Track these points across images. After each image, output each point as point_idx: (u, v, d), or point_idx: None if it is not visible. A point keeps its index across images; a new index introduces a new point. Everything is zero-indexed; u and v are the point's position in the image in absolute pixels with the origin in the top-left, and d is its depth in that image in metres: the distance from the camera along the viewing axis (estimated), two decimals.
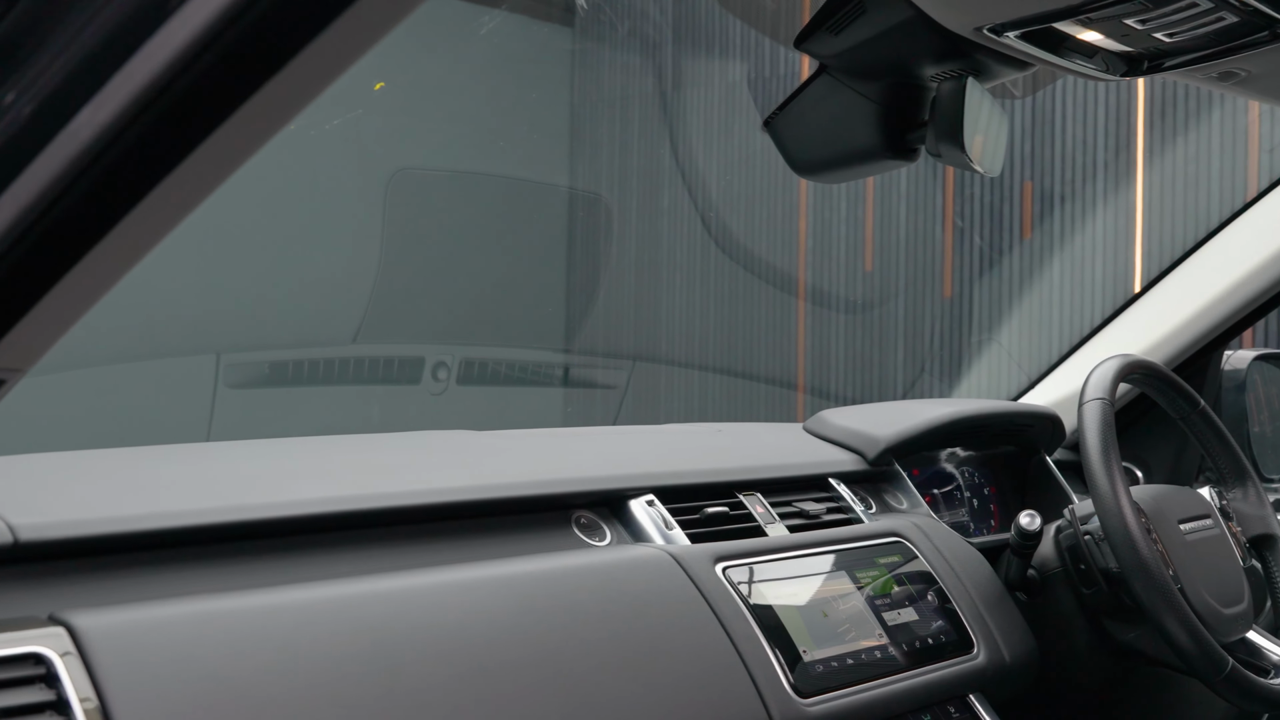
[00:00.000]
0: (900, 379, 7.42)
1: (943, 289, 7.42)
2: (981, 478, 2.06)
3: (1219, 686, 1.55)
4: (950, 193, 7.38)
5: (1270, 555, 1.84)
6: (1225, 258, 2.07)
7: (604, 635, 1.20)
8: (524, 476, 1.39)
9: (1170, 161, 6.54)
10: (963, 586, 1.60)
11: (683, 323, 8.09)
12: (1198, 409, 1.83)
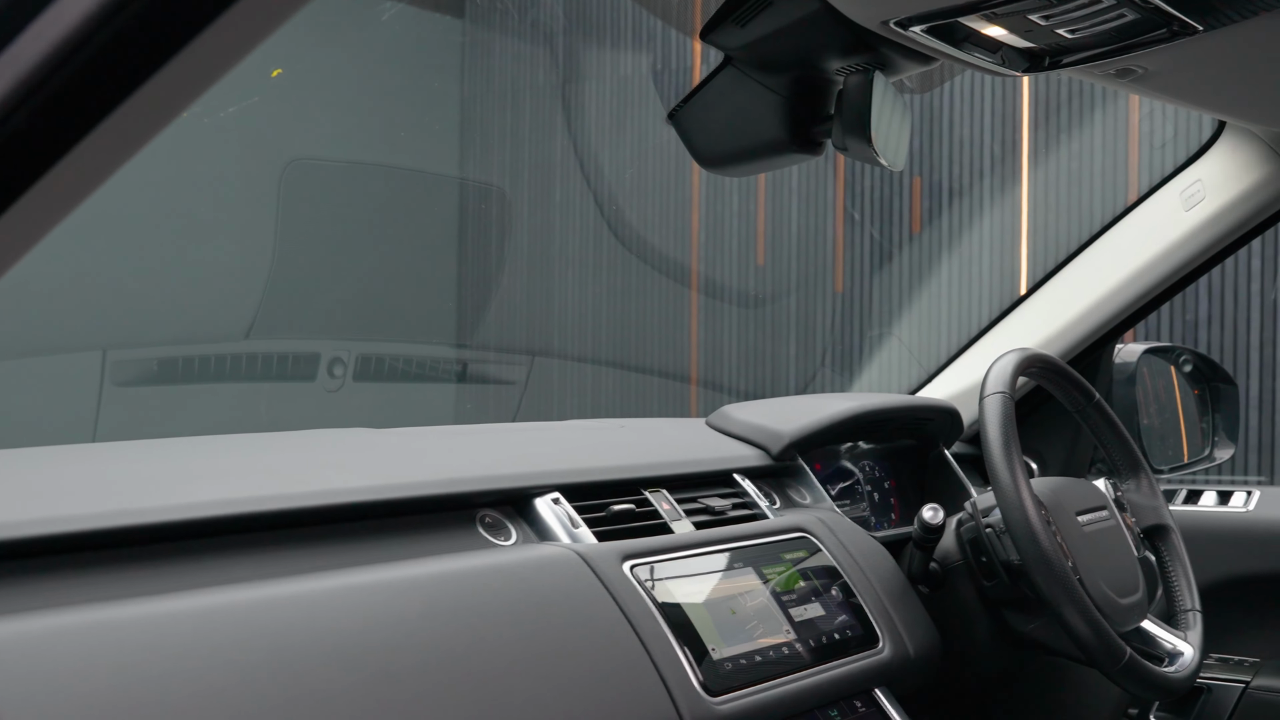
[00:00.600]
0: (794, 373, 7.47)
1: (834, 283, 7.48)
2: (881, 471, 2.07)
3: (1117, 675, 1.57)
4: (841, 187, 7.44)
5: (1163, 545, 1.87)
6: (1116, 254, 2.11)
7: (511, 636, 1.18)
8: (426, 475, 1.36)
9: (1054, 159, 6.66)
10: (867, 581, 1.60)
11: (580, 317, 8.07)
12: (1093, 402, 1.85)
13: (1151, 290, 2.07)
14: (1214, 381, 2.40)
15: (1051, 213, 6.58)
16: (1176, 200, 2.03)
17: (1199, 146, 2.04)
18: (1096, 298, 2.11)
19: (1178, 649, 1.73)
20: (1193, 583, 1.83)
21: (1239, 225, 1.99)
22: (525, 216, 8.18)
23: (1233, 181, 1.97)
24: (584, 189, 8.03)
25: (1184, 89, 1.62)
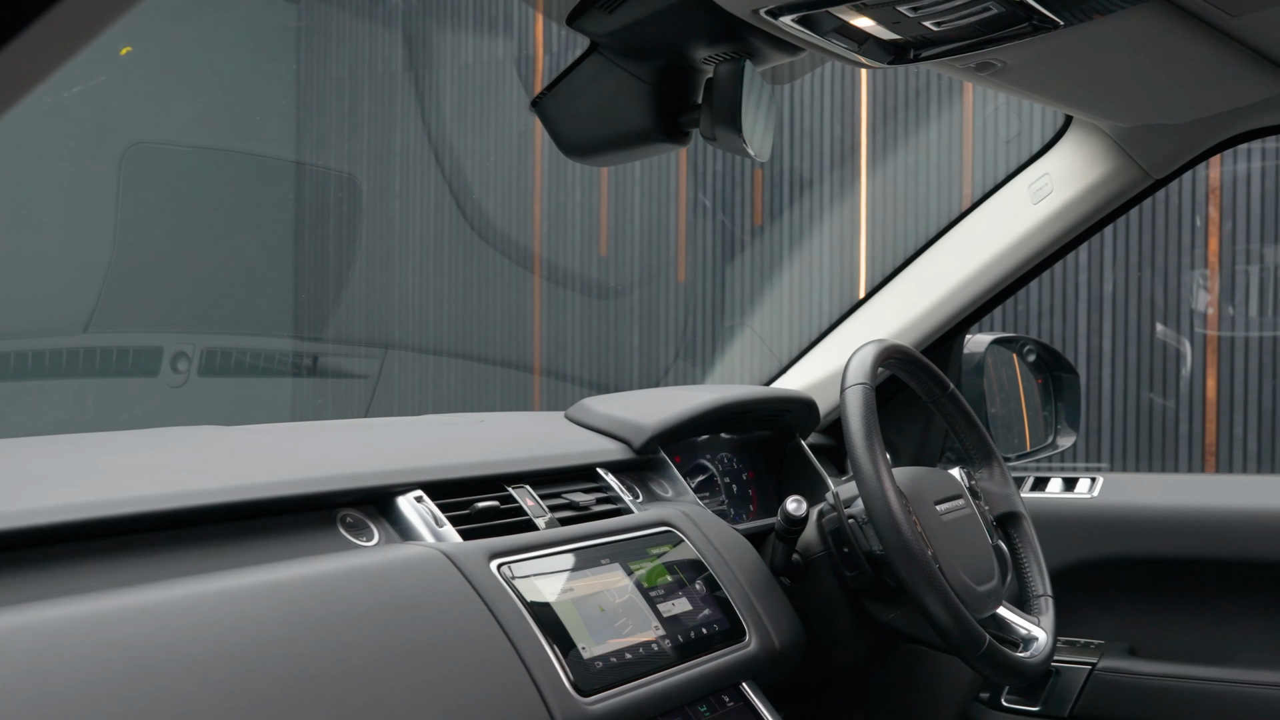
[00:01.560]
0: (638, 364, 7.48)
1: (677, 274, 7.51)
2: (739, 463, 2.06)
3: (976, 662, 1.59)
4: (684, 179, 7.48)
5: (1014, 532, 1.90)
6: (967, 246, 2.14)
7: (378, 640, 1.13)
8: (283, 475, 1.31)
9: (892, 155, 6.79)
10: (732, 574, 1.59)
11: (434, 309, 7.95)
12: (947, 392, 1.88)
13: (1002, 282, 2.11)
14: (1056, 371, 2.46)
15: (890, 206, 6.71)
16: (1025, 193, 2.07)
17: (1046, 141, 2.08)
18: (948, 289, 2.14)
19: (1032, 634, 1.76)
20: (1044, 569, 1.87)
21: (1086, 218, 2.03)
22: (379, 205, 8.03)
23: (1079, 175, 2.02)
24: (438, 177, 7.91)
25: (1039, 83, 1.64)
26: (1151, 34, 1.48)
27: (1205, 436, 5.91)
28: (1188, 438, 5.94)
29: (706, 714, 1.45)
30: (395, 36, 8.13)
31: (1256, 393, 5.80)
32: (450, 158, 7.96)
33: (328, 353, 7.67)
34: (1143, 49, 1.54)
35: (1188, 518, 2.12)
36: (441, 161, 7.94)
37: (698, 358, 7.24)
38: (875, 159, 6.80)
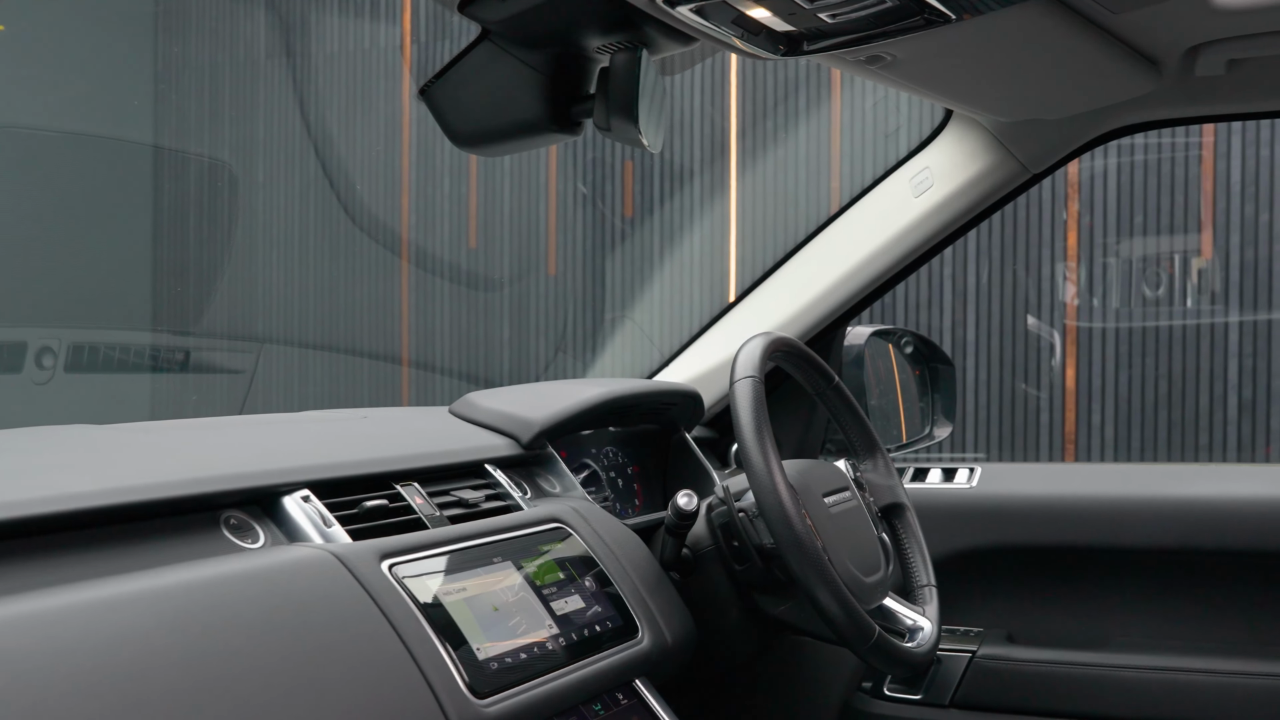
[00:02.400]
0: (508, 356, 7.43)
1: (548, 267, 7.47)
2: (624, 457, 2.05)
3: (867, 654, 1.59)
4: (554, 171, 7.44)
5: (899, 523, 1.92)
6: (848, 239, 2.15)
7: (268, 646, 1.09)
8: (162, 476, 1.25)
9: (760, 149, 6.84)
10: (624, 570, 1.57)
11: (308, 302, 7.79)
12: (832, 385, 1.88)
13: (883, 274, 2.12)
14: (933, 362, 2.49)
15: (760, 200, 6.76)
16: (906, 187, 2.09)
17: (927, 135, 2.10)
18: (830, 282, 2.15)
19: (918, 624, 1.78)
20: (928, 559, 1.88)
21: (966, 211, 2.06)
22: (250, 195, 7.83)
23: (959, 169, 2.04)
24: (304, 166, 7.74)
25: (926, 77, 1.65)
26: (1038, 29, 1.49)
27: (1065, 425, 6.07)
28: (1049, 426, 6.10)
29: (601, 713, 1.43)
30: (259, 20, 7.94)
31: (1114, 382, 5.97)
32: (324, 146, 7.81)
33: (201, 347, 7.46)
34: (1028, 44, 1.56)
35: (1063, 506, 2.16)
36: (320, 151, 7.78)
37: (579, 351, 7.21)
38: (746, 152, 6.84)
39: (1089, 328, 5.99)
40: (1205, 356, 5.82)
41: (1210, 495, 2.09)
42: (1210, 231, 5.85)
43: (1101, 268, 5.99)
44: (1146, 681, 2.07)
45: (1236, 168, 5.78)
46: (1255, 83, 1.81)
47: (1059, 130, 1.96)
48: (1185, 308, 5.83)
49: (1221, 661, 2.05)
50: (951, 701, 2.15)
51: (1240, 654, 2.06)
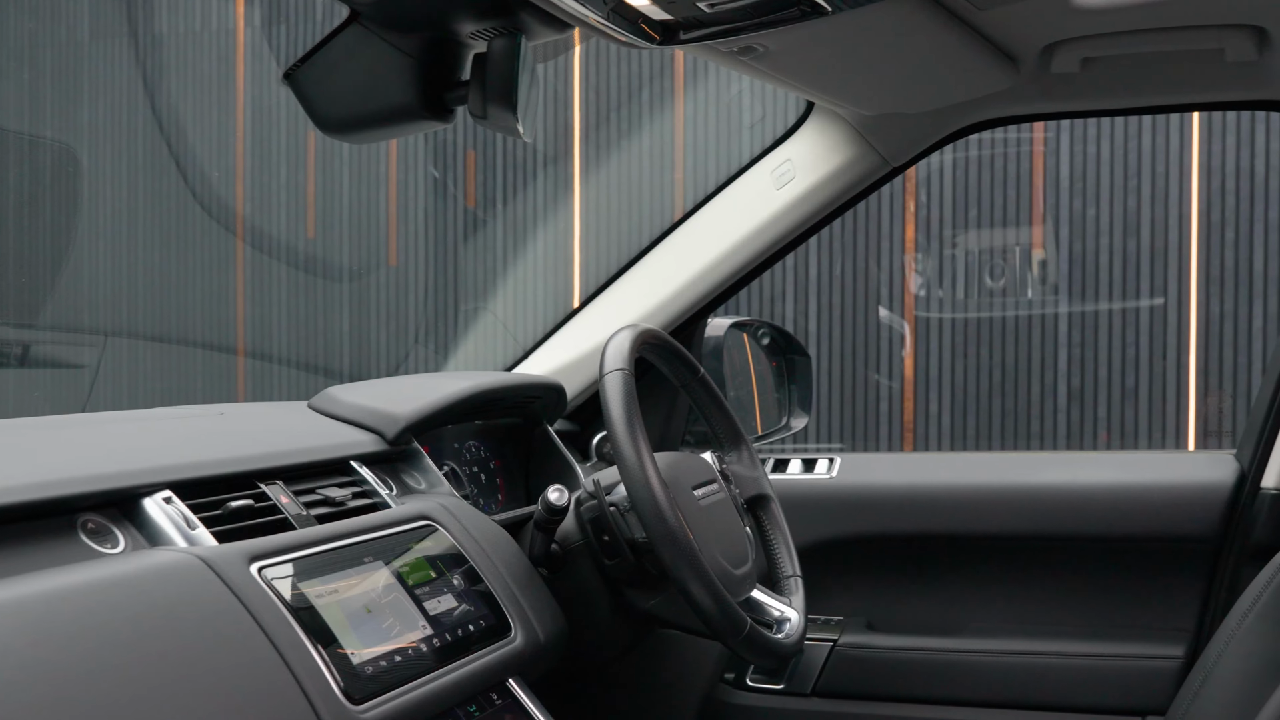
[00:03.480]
0: (348, 346, 7.29)
1: (389, 257, 7.36)
2: (486, 452, 2.01)
3: (739, 646, 1.59)
4: (394, 161, 7.33)
5: (764, 514, 1.92)
6: (711, 231, 2.15)
7: (134, 656, 1.03)
8: (12, 478, 1.18)
9: (604, 142, 6.83)
10: (494, 568, 1.54)
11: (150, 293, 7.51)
12: (698, 376, 1.88)
13: (745, 266, 2.13)
14: (789, 353, 2.51)
15: (603, 195, 6.75)
16: (768, 179, 2.10)
17: (788, 127, 2.11)
18: (692, 273, 2.14)
19: (785, 615, 1.78)
20: (793, 549, 1.89)
21: (827, 204, 2.07)
22: (100, 181, 7.51)
23: (821, 162, 2.05)
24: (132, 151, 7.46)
25: (795, 69, 1.66)
26: (908, 24, 1.51)
27: (904, 414, 6.20)
28: (888, 416, 6.22)
29: (476, 714, 1.40)
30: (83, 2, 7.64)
31: (950, 372, 6.12)
32: (171, 131, 7.55)
33: (42, 341, 7.14)
34: (897, 38, 1.57)
35: (921, 495, 2.19)
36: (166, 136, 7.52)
37: (434, 343, 7.10)
38: (589, 145, 6.82)
39: (927, 318, 6.13)
40: (1037, 346, 6.01)
41: (1060, 482, 2.15)
42: (1041, 225, 6.04)
43: (948, 260, 6.14)
44: (1000, 665, 2.12)
45: (1065, 164, 5.98)
46: (1107, 80, 1.86)
47: (919, 124, 1.99)
48: (1027, 298, 6.01)
49: (1070, 644, 2.10)
50: (813, 690, 2.17)
51: (1088, 636, 2.12)
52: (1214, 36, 1.71)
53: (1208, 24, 1.68)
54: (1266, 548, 1.96)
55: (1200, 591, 2.09)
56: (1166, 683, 2.04)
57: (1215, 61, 1.77)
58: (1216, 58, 1.76)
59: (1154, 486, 2.11)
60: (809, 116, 2.06)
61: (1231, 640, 1.68)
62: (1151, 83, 1.87)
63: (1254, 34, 1.69)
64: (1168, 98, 1.95)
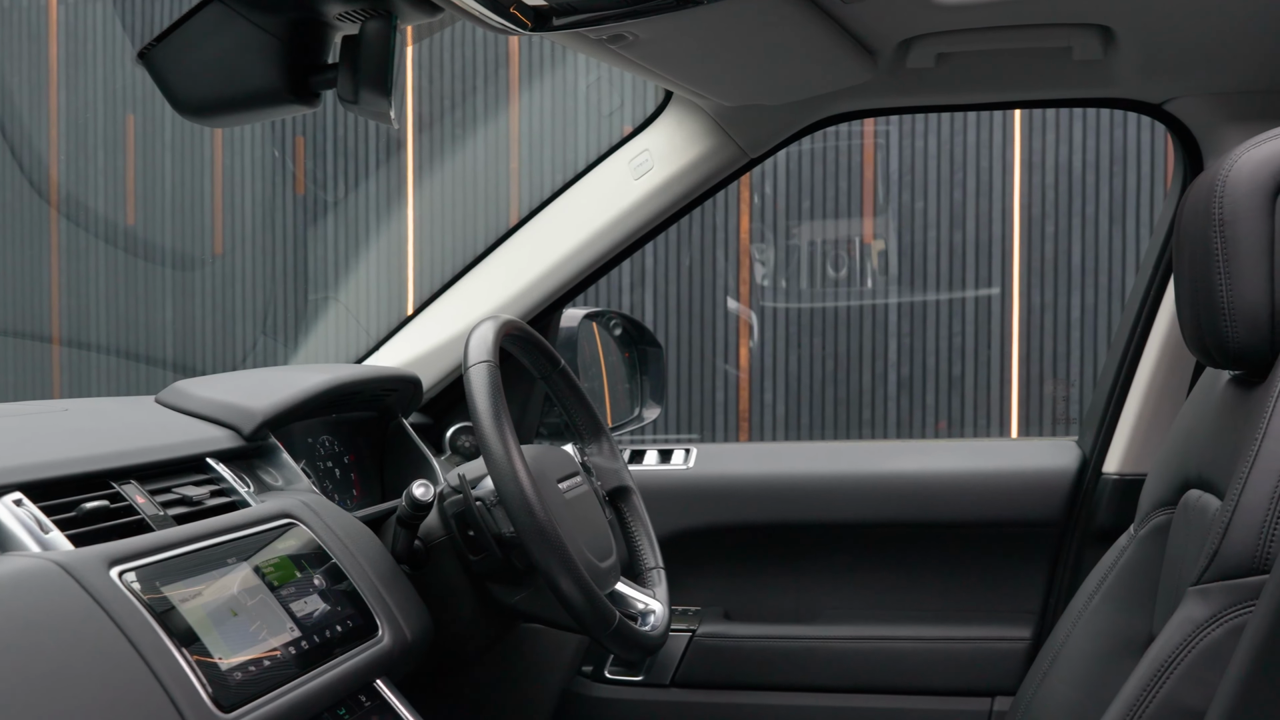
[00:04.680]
0: (172, 336, 7.06)
1: (214, 245, 7.15)
2: (340, 446, 1.96)
3: (608, 640, 1.58)
4: (220, 145, 7.11)
5: (625, 506, 1.91)
6: (568, 221, 2.13)
7: None
8: None
9: (439, 133, 6.75)
10: (360, 566, 1.50)
11: None
12: (559, 368, 1.86)
13: (603, 257, 2.11)
14: (641, 344, 2.50)
15: (438, 183, 6.67)
16: (626, 169, 2.09)
17: (645, 118, 2.10)
18: (549, 264, 2.12)
19: (650, 606, 1.78)
20: (654, 541, 1.89)
21: (685, 194, 2.07)
22: None
23: (679, 153, 2.05)
24: None
25: (661, 59, 1.65)
26: (775, 15, 1.51)
27: (739, 404, 6.27)
28: (724, 405, 6.29)
29: (345, 717, 1.36)
30: None
31: (784, 362, 6.21)
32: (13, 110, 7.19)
33: None
34: (764, 30, 1.58)
35: (777, 484, 2.21)
36: None
37: (281, 333, 6.90)
38: (423, 135, 6.73)
39: (772, 308, 6.21)
40: (869, 336, 6.14)
41: (912, 470, 2.19)
42: (872, 217, 6.16)
43: (792, 251, 6.21)
44: (855, 651, 2.15)
45: (895, 158, 6.12)
46: (960, 76, 1.90)
47: (777, 116, 2.00)
48: (867, 288, 6.13)
49: (923, 628, 2.15)
50: (672, 681, 2.17)
51: (939, 620, 2.16)
52: (1062, 35, 1.76)
53: (1056, 23, 1.73)
54: (1108, 531, 2.03)
55: (1045, 574, 2.15)
56: (1015, 663, 2.10)
57: (1063, 59, 1.82)
58: (1065, 56, 1.81)
59: (1001, 473, 2.16)
60: (667, 107, 2.06)
61: (1079, 621, 1.73)
62: (1003, 79, 1.92)
63: (1100, 33, 1.74)
64: (1018, 94, 2.01)
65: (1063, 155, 5.97)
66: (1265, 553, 1.27)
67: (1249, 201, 1.35)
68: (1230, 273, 1.36)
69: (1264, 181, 1.36)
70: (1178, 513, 1.62)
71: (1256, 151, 1.37)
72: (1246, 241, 1.35)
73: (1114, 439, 2.11)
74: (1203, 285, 1.40)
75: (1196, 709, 1.29)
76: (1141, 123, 5.83)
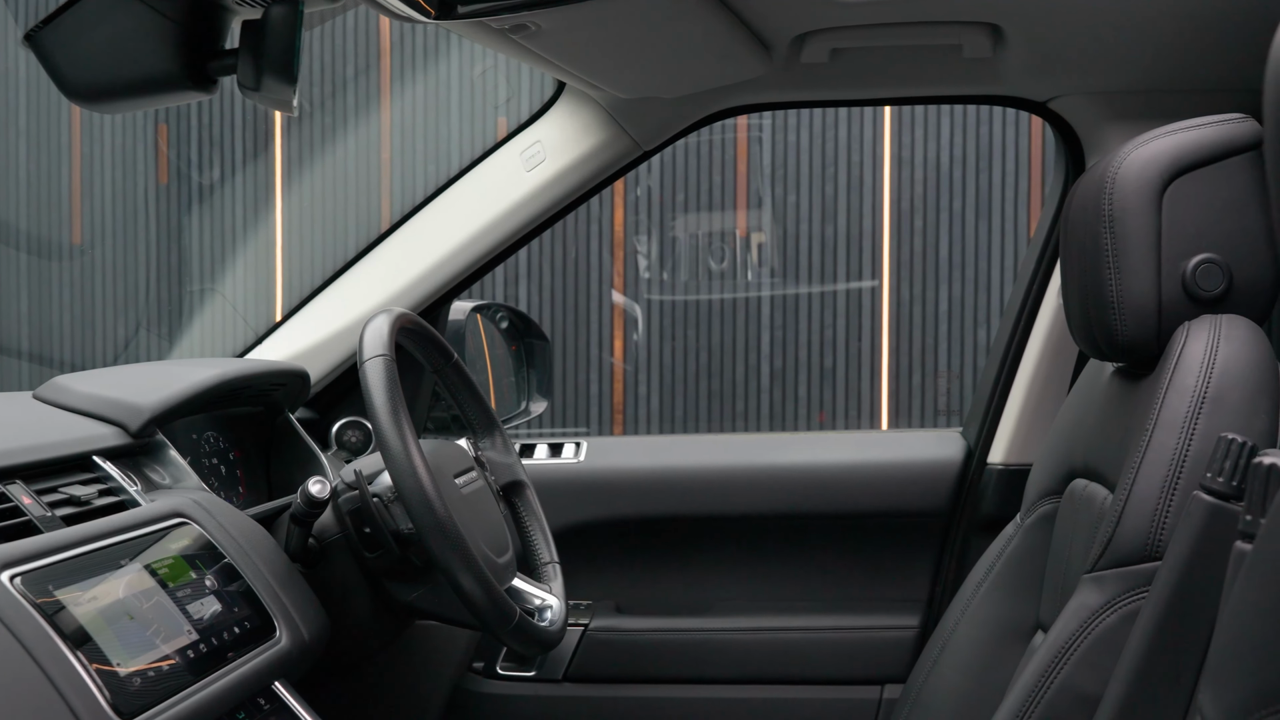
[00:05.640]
0: (25, 328, 6.82)
1: (71, 234, 6.92)
2: (225, 443, 1.91)
3: (509, 636, 1.57)
4: (78, 130, 6.89)
5: (519, 501, 1.90)
6: (459, 212, 2.10)
7: None
8: None
9: (306, 121, 6.63)
10: (255, 566, 1.46)
11: None
12: (451, 362, 1.84)
13: (495, 249, 2.09)
14: (529, 337, 2.49)
15: (308, 175, 6.55)
16: (517, 160, 2.07)
17: (536, 109, 2.09)
18: (440, 256, 2.09)
19: (546, 602, 1.77)
20: (549, 536, 1.88)
21: (578, 187, 2.06)
22: None
23: (572, 145, 2.04)
24: None
25: (561, 50, 1.64)
26: (676, 7, 1.51)
27: (614, 396, 6.28)
28: (598, 398, 6.29)
29: None
30: None
31: (658, 354, 6.23)
32: None
33: None
34: (665, 22, 1.58)
35: (668, 477, 2.22)
36: None
37: (161, 326, 6.69)
38: (290, 125, 6.60)
39: (646, 301, 6.22)
40: (742, 329, 6.19)
41: (801, 462, 2.21)
42: (745, 211, 6.22)
43: (645, 244, 6.23)
44: (747, 642, 2.16)
45: (768, 151, 6.17)
46: (854, 72, 1.92)
47: (672, 109, 2.00)
48: (747, 280, 6.17)
49: (814, 619, 2.17)
50: (565, 676, 2.16)
51: (830, 610, 2.19)
52: (954, 33, 1.79)
53: (948, 20, 1.76)
54: (994, 520, 2.07)
55: (932, 563, 2.19)
56: (903, 651, 2.13)
57: (954, 57, 1.85)
58: (955, 53, 1.84)
59: (889, 464, 2.20)
60: (559, 98, 2.05)
61: (967, 609, 1.77)
62: (895, 75, 1.94)
63: (989, 31, 1.77)
64: (910, 90, 2.04)
65: (930, 151, 6.09)
66: (1157, 540, 1.30)
67: (1138, 198, 1.39)
68: (1120, 267, 1.39)
69: (1151, 178, 1.40)
70: (1064, 502, 1.66)
71: (1144, 149, 1.41)
72: (1135, 237, 1.39)
73: (998, 431, 2.15)
74: (1092, 280, 1.43)
75: (1093, 694, 1.33)
76: (1006, 120, 5.97)
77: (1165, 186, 1.39)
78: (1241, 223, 1.40)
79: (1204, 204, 1.39)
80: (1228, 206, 1.40)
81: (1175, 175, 1.39)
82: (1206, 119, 1.43)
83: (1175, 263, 1.38)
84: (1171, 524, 1.29)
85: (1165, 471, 1.31)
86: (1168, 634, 1.24)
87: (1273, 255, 1.41)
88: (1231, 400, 1.31)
